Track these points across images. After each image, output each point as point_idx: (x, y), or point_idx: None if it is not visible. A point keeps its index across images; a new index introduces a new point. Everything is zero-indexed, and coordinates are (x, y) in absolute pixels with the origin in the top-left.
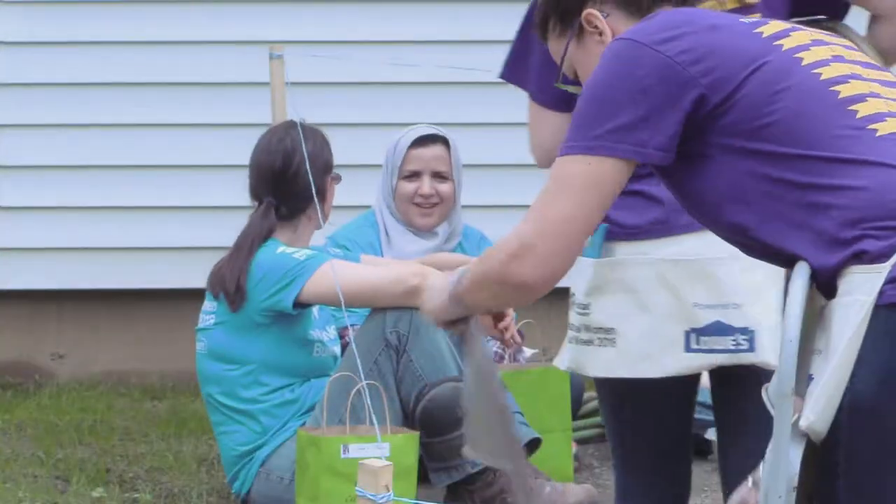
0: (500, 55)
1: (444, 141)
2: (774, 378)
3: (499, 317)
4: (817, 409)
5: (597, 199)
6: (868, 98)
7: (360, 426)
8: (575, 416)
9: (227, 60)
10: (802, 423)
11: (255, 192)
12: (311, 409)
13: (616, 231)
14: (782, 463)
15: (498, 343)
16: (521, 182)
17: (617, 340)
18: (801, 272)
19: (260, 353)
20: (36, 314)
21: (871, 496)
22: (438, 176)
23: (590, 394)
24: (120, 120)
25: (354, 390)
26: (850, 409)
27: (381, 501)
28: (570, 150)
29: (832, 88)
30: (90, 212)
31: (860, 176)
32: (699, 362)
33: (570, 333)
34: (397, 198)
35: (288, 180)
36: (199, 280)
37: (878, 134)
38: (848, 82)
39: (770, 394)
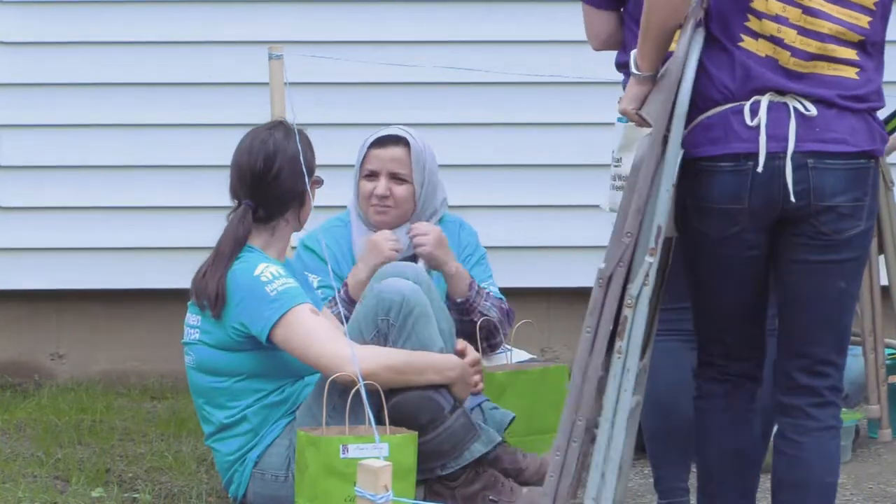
0: (500, 55)
1: (406, 143)
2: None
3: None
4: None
5: None
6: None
7: (360, 426)
8: None
9: (227, 60)
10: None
11: (235, 193)
12: (298, 405)
13: None
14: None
15: (499, 339)
16: (520, 182)
17: None
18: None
19: (249, 363)
20: (35, 314)
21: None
22: (396, 178)
23: None
24: (120, 120)
25: (353, 391)
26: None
27: (380, 501)
28: None
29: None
30: (90, 212)
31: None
32: None
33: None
34: (360, 196)
35: (268, 183)
36: None
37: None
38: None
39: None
